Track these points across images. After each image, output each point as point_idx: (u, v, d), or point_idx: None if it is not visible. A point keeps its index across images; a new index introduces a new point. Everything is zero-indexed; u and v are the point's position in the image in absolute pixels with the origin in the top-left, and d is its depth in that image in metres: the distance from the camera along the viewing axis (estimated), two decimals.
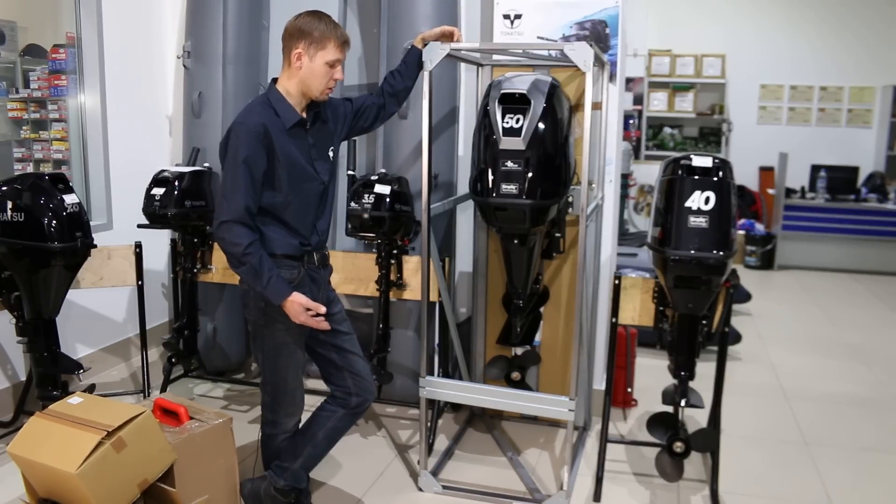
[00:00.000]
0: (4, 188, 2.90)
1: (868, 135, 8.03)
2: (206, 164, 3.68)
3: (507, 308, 3.10)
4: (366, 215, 3.17)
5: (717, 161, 2.56)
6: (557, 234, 2.97)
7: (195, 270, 3.58)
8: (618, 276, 2.94)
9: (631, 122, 7.88)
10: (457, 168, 3.56)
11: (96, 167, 3.93)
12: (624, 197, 7.37)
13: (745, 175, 7.91)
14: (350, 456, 3.07)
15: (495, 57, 3.14)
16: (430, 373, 3.10)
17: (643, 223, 7.84)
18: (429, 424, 3.02)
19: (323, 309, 2.25)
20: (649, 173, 7.70)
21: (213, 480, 2.32)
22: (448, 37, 2.59)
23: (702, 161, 2.56)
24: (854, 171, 7.29)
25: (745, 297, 5.35)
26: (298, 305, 2.19)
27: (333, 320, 2.46)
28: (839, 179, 7.20)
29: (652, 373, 3.73)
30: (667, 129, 8.42)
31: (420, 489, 2.84)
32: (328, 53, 2.21)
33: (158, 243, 3.98)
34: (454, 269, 3.58)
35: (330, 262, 2.48)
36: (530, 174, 2.59)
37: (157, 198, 3.37)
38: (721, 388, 2.80)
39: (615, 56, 3.19)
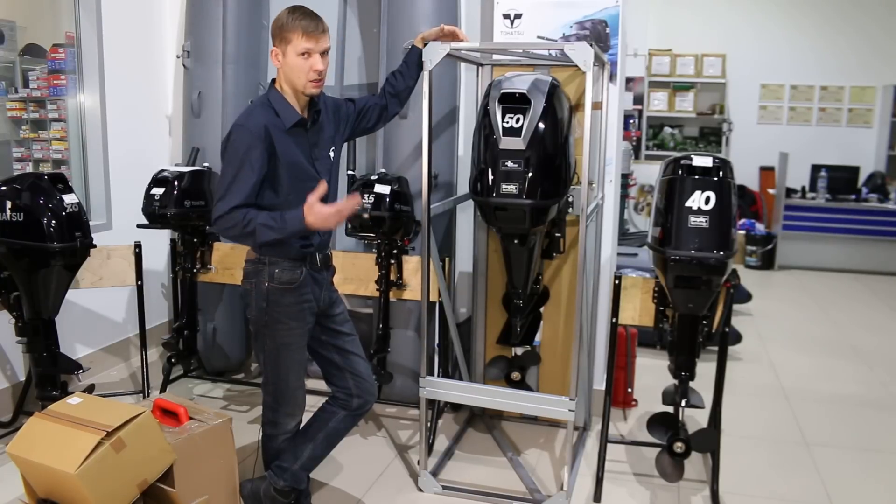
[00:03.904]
0: (4, 188, 2.90)
1: (869, 134, 8.03)
2: (206, 164, 3.68)
3: (507, 308, 3.09)
4: (366, 215, 3.16)
5: (717, 161, 2.56)
6: (557, 234, 2.97)
7: (195, 270, 3.57)
8: (618, 276, 2.93)
9: (631, 121, 7.87)
10: (457, 168, 3.56)
11: (96, 167, 3.92)
12: (624, 197, 7.36)
13: (746, 175, 7.91)
14: (350, 456, 3.07)
15: (495, 57, 3.13)
16: (430, 373, 3.10)
17: (643, 223, 7.84)
18: (429, 424, 3.02)
19: (352, 200, 2.17)
20: (649, 173, 7.69)
21: (213, 481, 2.32)
22: (449, 36, 2.59)
23: (702, 161, 2.55)
24: (855, 170, 7.28)
25: (746, 297, 5.34)
26: (314, 207, 2.11)
27: (335, 321, 2.46)
28: (840, 179, 7.19)
29: (652, 373, 3.73)
30: (667, 129, 8.41)
31: (420, 489, 2.83)
32: (296, 45, 2.16)
33: (158, 243, 3.97)
34: (454, 269, 3.58)
35: (333, 263, 2.48)
36: (530, 174, 2.59)
37: (156, 198, 3.37)
38: (721, 389, 2.80)
39: (615, 56, 3.19)
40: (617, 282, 2.93)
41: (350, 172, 3.52)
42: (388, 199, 3.16)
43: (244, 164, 2.13)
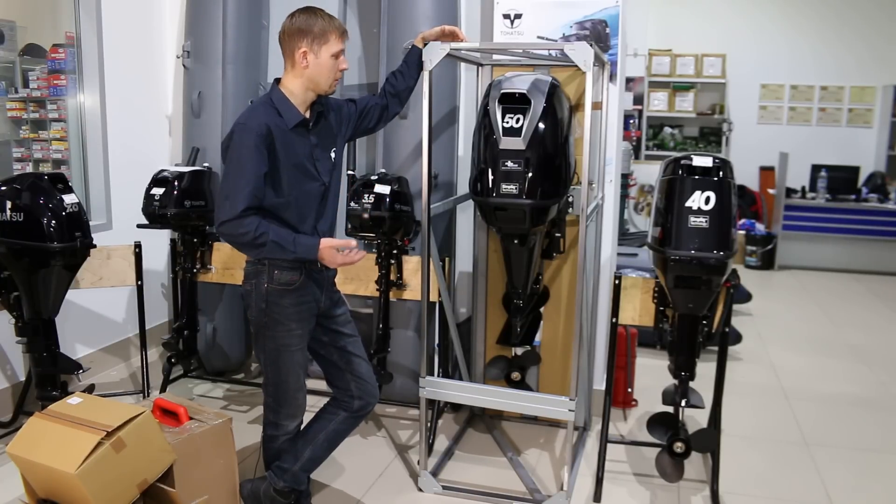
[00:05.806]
0: (4, 188, 2.90)
1: (869, 134, 8.04)
2: (206, 164, 3.68)
3: (507, 308, 3.09)
4: (366, 215, 3.16)
5: (717, 161, 2.56)
6: (557, 234, 2.97)
7: (195, 270, 3.57)
8: (618, 276, 2.93)
9: (631, 121, 7.87)
10: (457, 168, 3.56)
11: (96, 167, 3.92)
12: (624, 197, 7.36)
13: (746, 175, 7.91)
14: (350, 456, 3.07)
15: (495, 57, 3.13)
16: (430, 373, 3.10)
17: (643, 223, 7.84)
18: (429, 424, 3.02)
19: (353, 243, 2.27)
20: (649, 173, 7.69)
21: (213, 481, 2.32)
22: (449, 35, 2.59)
23: (702, 161, 2.56)
24: (855, 170, 7.28)
25: (746, 297, 5.34)
26: (329, 250, 2.22)
27: (337, 322, 2.46)
28: (840, 179, 7.19)
29: (652, 373, 3.73)
30: (667, 129, 8.42)
31: (420, 489, 2.83)
32: (332, 46, 2.23)
33: (158, 243, 3.98)
34: (454, 269, 3.58)
35: None
36: (530, 174, 2.59)
37: (156, 198, 3.37)
38: (721, 389, 2.80)
39: (615, 56, 3.19)
40: (617, 282, 2.93)
41: (350, 172, 3.52)
42: (388, 199, 3.15)
43: (247, 163, 2.12)
